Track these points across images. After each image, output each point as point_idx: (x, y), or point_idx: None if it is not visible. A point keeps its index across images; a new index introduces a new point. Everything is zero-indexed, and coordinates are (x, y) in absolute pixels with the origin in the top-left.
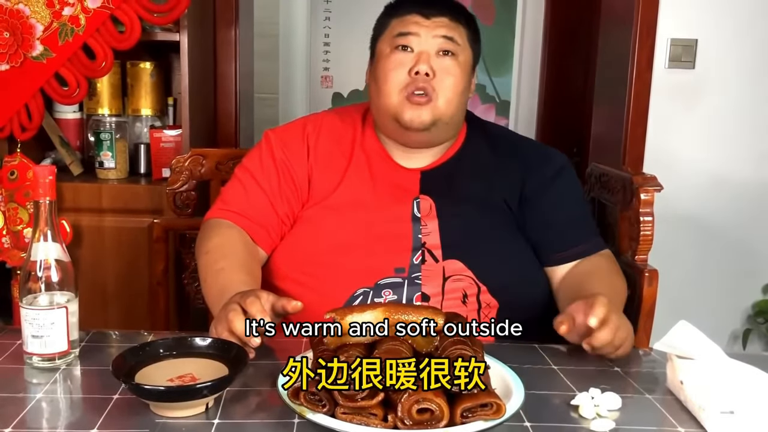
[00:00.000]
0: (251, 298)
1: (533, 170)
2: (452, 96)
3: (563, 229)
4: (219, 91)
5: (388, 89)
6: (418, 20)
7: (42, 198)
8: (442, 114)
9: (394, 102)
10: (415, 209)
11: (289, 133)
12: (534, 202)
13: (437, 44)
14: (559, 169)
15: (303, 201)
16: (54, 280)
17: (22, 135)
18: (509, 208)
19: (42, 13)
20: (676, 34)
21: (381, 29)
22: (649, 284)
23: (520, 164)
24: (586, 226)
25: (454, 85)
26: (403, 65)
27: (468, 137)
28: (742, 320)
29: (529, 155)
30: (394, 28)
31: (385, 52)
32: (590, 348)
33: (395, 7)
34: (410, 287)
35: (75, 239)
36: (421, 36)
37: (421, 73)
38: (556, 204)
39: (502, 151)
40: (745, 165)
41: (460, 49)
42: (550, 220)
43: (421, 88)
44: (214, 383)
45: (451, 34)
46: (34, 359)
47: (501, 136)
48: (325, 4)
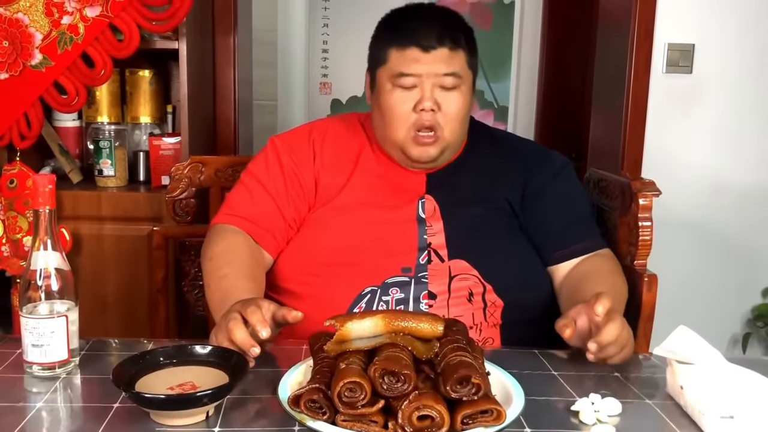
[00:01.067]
0: (252, 308)
1: (534, 171)
2: (457, 125)
3: (563, 228)
4: (218, 99)
5: (394, 126)
6: (417, 56)
7: (42, 207)
8: (448, 144)
9: (400, 138)
10: (420, 210)
11: (295, 138)
12: (535, 201)
13: (439, 81)
14: (560, 169)
15: (310, 204)
16: (54, 288)
17: (21, 143)
18: (512, 209)
19: (41, 22)
20: (673, 39)
21: (379, 58)
22: (649, 289)
23: (522, 165)
24: (587, 224)
25: (458, 114)
26: (407, 102)
27: (471, 140)
28: (742, 324)
29: (530, 156)
30: (393, 64)
31: (386, 87)
32: (596, 347)
33: (393, 36)
34: (417, 286)
35: (74, 247)
36: (423, 75)
37: (427, 109)
38: (557, 203)
39: (505, 152)
40: (743, 169)
41: (462, 81)
42: (551, 219)
43: (427, 127)
44: (215, 391)
45: (451, 69)
46: (34, 368)
47: (503, 138)
48: (323, 12)
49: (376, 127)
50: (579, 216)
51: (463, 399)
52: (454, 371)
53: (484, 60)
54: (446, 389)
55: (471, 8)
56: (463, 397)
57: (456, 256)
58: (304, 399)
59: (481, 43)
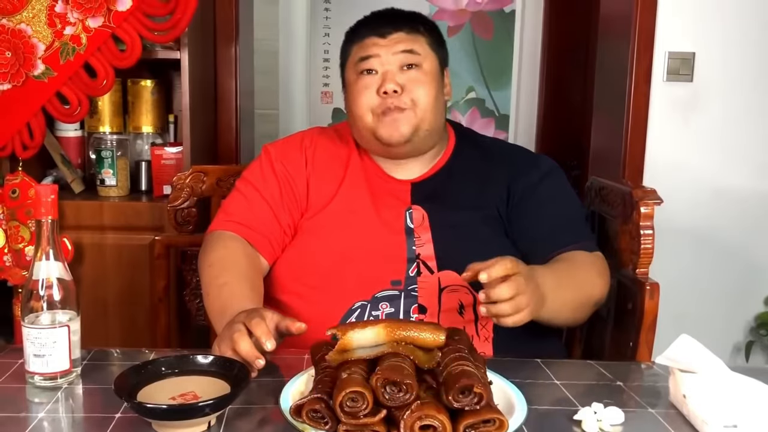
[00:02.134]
0: (257, 320)
1: (520, 174)
2: (426, 103)
3: (549, 234)
4: (219, 108)
5: (360, 112)
6: (375, 41)
7: (44, 217)
8: (420, 122)
9: (368, 122)
10: (408, 220)
11: (288, 145)
12: (521, 205)
13: (398, 60)
14: (546, 172)
15: (302, 210)
16: (56, 298)
17: (23, 153)
18: (500, 216)
19: (43, 32)
20: (673, 47)
21: (345, 57)
22: (651, 297)
23: (509, 170)
24: (575, 229)
25: (427, 93)
26: (370, 87)
27: (457, 147)
28: (745, 332)
29: (516, 161)
30: (355, 54)
31: (351, 78)
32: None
33: (353, 33)
34: (407, 299)
35: (76, 257)
36: (381, 56)
37: (389, 91)
38: (543, 207)
39: (492, 159)
40: (745, 177)
41: (423, 58)
42: (536, 225)
43: (393, 108)
44: (216, 401)
45: (409, 46)
46: (36, 378)
47: (490, 144)
48: (325, 21)
49: (351, 125)
50: (566, 221)
51: (466, 408)
52: (456, 381)
53: (485, 69)
54: (448, 399)
55: (472, 17)
56: (465, 406)
57: (445, 267)
58: (306, 409)
59: (482, 52)
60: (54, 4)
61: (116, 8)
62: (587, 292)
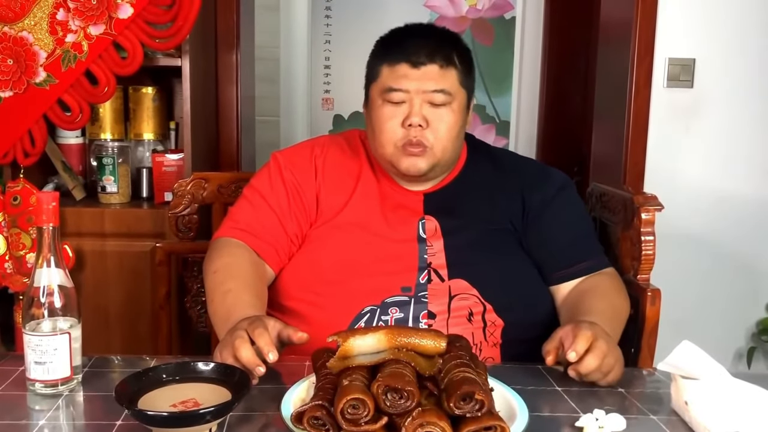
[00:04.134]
0: (260, 329)
1: (534, 189)
2: (447, 142)
3: (564, 247)
4: (221, 115)
5: (383, 141)
6: (406, 72)
7: (45, 224)
8: (439, 160)
9: (389, 152)
10: (420, 230)
11: (298, 154)
12: (535, 220)
13: (429, 98)
14: (560, 187)
15: (311, 221)
16: (57, 305)
17: (25, 161)
18: (513, 228)
19: (45, 40)
20: (674, 54)
21: (372, 74)
22: (652, 304)
23: (522, 184)
24: (589, 243)
25: (448, 131)
26: (395, 117)
27: (469, 158)
28: (747, 338)
29: (529, 175)
30: (384, 79)
31: (377, 102)
32: (576, 375)
33: (385, 52)
34: (416, 305)
35: (77, 264)
36: (411, 91)
37: (414, 125)
38: (557, 222)
39: (504, 171)
40: (746, 183)
41: (452, 97)
42: (551, 239)
43: (415, 143)
44: (217, 408)
45: (441, 86)
46: (37, 386)
47: (503, 156)
48: (326, 28)
49: (370, 143)
50: (581, 235)
51: (467, 415)
52: (457, 387)
53: (486, 75)
54: (450, 405)
55: (472, 24)
56: (466, 413)
57: (456, 276)
58: (307, 416)
59: (482, 58)
60: (55, 12)
61: (117, 16)
62: (625, 316)
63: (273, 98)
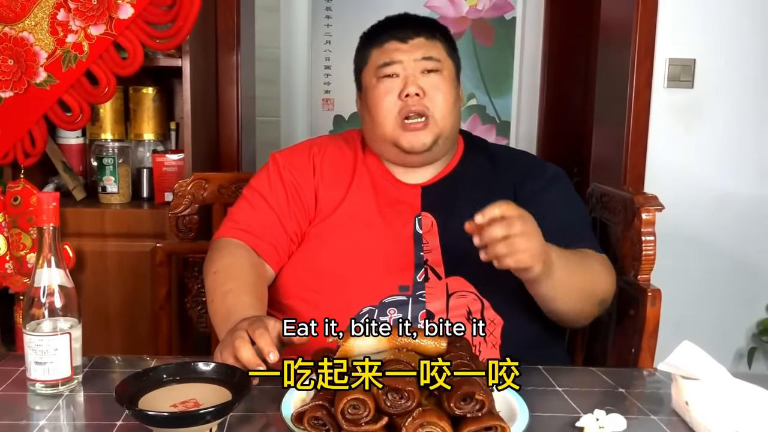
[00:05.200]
0: (260, 330)
1: (527, 179)
2: (446, 110)
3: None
4: (221, 116)
5: (382, 117)
6: (396, 46)
7: (46, 224)
8: (441, 130)
9: (389, 129)
10: (416, 226)
11: (296, 153)
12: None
13: (420, 66)
14: (552, 177)
15: (310, 218)
16: (57, 306)
17: (25, 161)
18: None
19: (46, 40)
20: (674, 54)
21: (363, 61)
22: (652, 304)
23: (515, 175)
24: (582, 231)
25: (445, 99)
26: (392, 91)
27: (466, 152)
28: (747, 339)
29: (522, 166)
30: (375, 59)
31: (371, 83)
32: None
33: (371, 36)
34: (414, 305)
35: (78, 264)
36: (404, 61)
37: (411, 94)
38: (549, 209)
39: (499, 165)
40: (746, 183)
41: (442, 64)
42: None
43: (414, 111)
44: (218, 408)
45: (430, 53)
46: (37, 386)
47: (497, 151)
48: (326, 28)
49: (366, 131)
50: (573, 223)
51: (468, 416)
52: (458, 387)
53: (486, 75)
54: (450, 406)
55: (473, 24)
56: (467, 413)
57: (453, 273)
58: (308, 416)
59: (483, 58)
60: (56, 12)
61: (118, 16)
62: (595, 281)
63: (273, 99)
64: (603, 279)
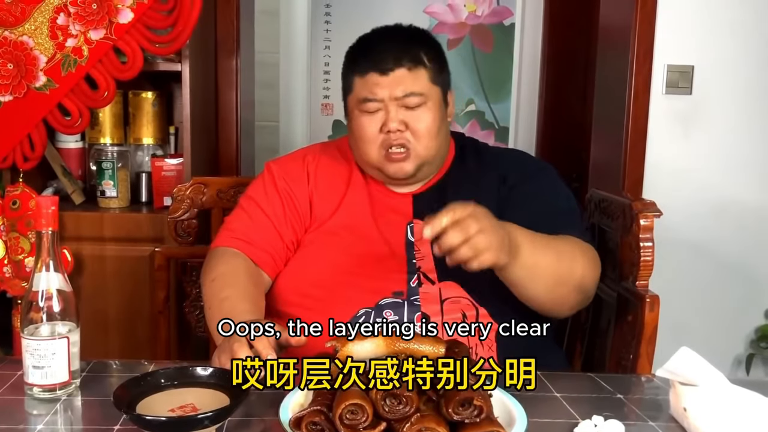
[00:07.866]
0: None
1: (509, 173)
2: (429, 140)
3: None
4: (220, 120)
5: (366, 147)
6: (377, 81)
7: (44, 228)
8: (424, 159)
9: (374, 158)
10: (408, 234)
11: (290, 162)
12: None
13: (402, 102)
14: (536, 170)
15: (306, 226)
16: (56, 310)
17: (24, 165)
18: None
19: (45, 44)
20: (672, 60)
21: (346, 86)
22: (651, 310)
23: (498, 173)
24: (566, 221)
25: (427, 130)
26: (372, 125)
27: (456, 157)
28: (745, 345)
29: (508, 161)
30: (358, 91)
31: (354, 113)
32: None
33: (354, 63)
34: (410, 308)
35: (76, 268)
36: (384, 99)
37: (393, 130)
38: (530, 201)
39: (486, 166)
40: (745, 190)
41: (426, 96)
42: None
43: (396, 144)
44: (216, 413)
45: (411, 88)
46: (35, 390)
47: (487, 151)
48: (325, 33)
49: (353, 150)
50: (557, 212)
51: (466, 421)
52: (456, 393)
53: (485, 81)
54: (448, 411)
55: (472, 30)
56: (465, 419)
57: (446, 278)
58: (306, 421)
59: (481, 64)
60: (56, 17)
61: (118, 20)
62: (568, 264)
63: (272, 103)
64: (579, 263)
